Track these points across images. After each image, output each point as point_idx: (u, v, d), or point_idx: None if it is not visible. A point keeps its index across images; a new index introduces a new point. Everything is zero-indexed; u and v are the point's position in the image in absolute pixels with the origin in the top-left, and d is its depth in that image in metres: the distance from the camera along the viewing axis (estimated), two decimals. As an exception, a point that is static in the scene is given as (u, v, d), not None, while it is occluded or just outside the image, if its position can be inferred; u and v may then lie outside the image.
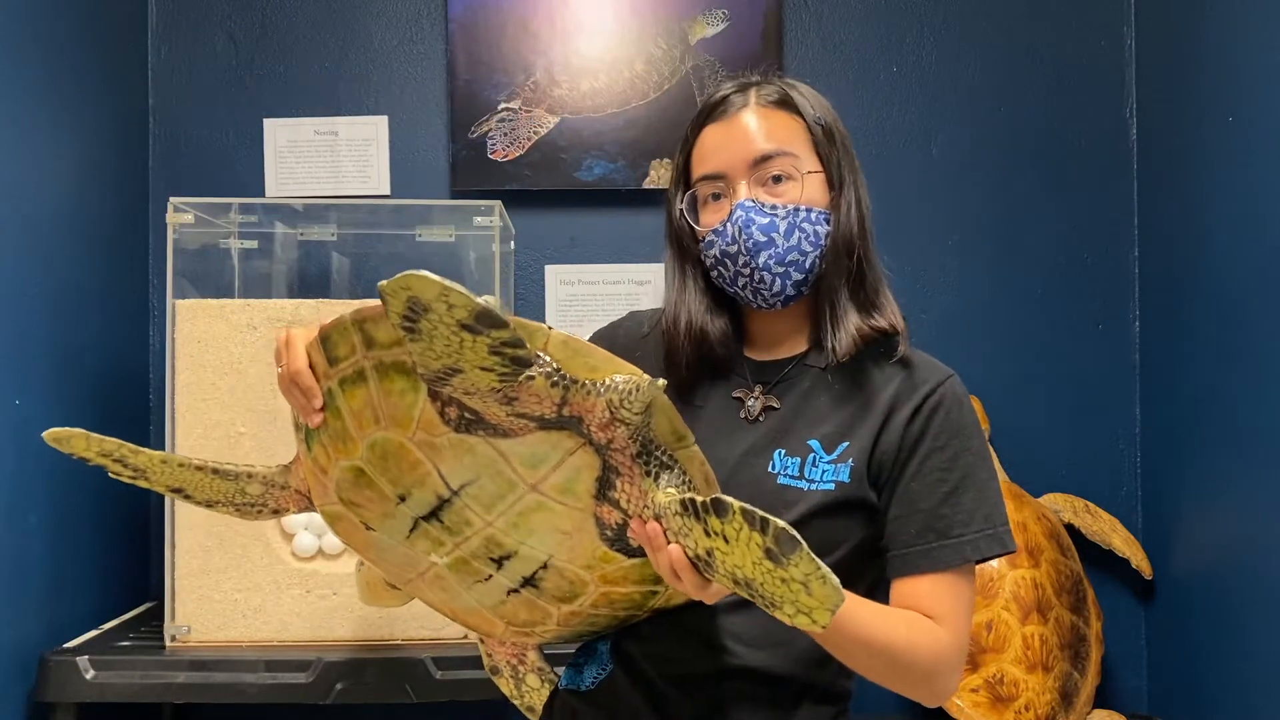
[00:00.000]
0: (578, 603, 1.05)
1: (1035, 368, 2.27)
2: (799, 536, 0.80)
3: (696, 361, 1.15)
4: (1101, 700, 2.10)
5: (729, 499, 0.84)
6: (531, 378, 0.90)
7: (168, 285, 1.80)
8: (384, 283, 0.84)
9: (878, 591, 1.12)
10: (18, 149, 1.73)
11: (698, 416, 1.14)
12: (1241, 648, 1.88)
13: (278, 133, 2.24)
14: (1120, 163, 2.28)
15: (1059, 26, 2.28)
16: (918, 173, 2.27)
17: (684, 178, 1.17)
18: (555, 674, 1.22)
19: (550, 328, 0.92)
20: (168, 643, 1.75)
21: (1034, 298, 2.27)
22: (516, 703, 1.24)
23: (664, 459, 0.95)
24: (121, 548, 2.08)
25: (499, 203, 1.89)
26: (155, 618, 1.92)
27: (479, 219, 1.88)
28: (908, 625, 1.02)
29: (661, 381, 0.90)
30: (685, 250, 1.17)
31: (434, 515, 1.01)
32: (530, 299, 2.26)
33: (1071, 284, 2.28)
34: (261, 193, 2.23)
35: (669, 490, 0.94)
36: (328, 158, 2.24)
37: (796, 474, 1.07)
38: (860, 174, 1.15)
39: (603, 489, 0.95)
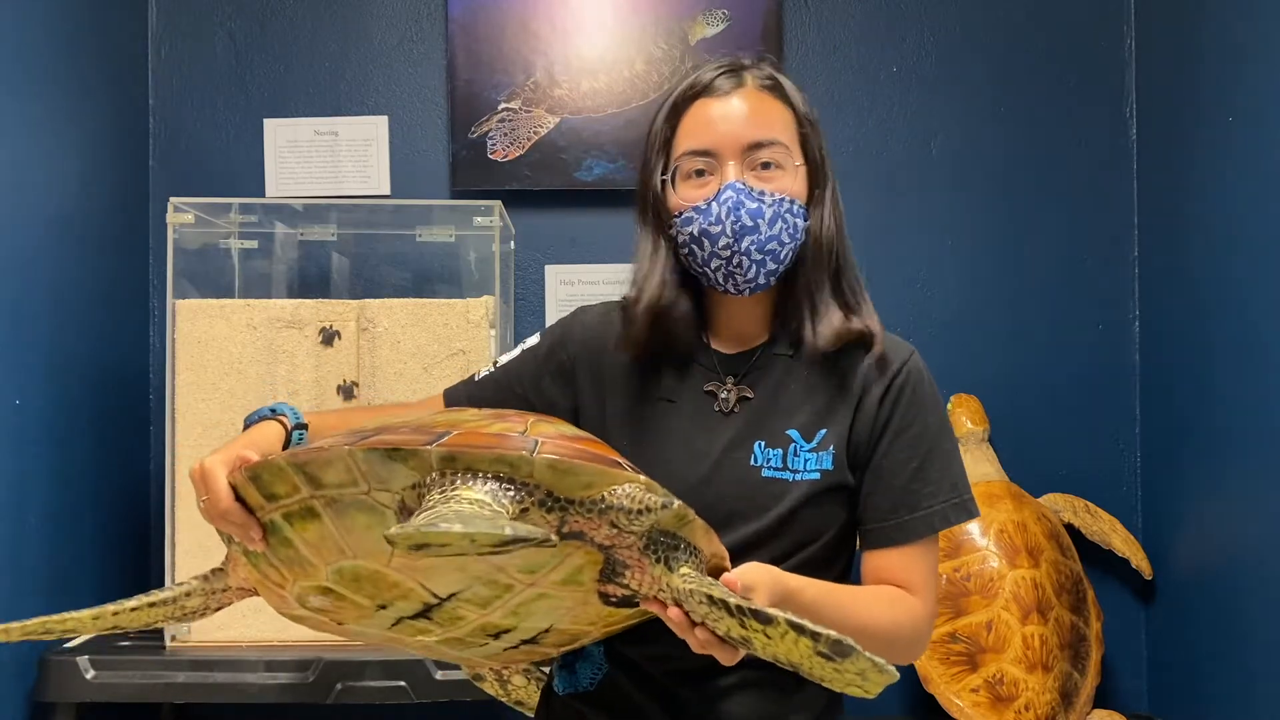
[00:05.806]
0: (578, 643, 1.04)
1: (1035, 368, 2.27)
2: (854, 644, 0.79)
3: (649, 338, 1.13)
4: (1101, 700, 2.10)
5: (773, 611, 0.82)
6: (525, 510, 0.84)
7: (168, 285, 1.80)
8: (391, 532, 0.74)
9: (853, 565, 1.16)
10: (18, 149, 1.74)
11: (672, 411, 1.13)
12: (1241, 648, 1.88)
13: (278, 133, 2.24)
14: (1120, 163, 2.28)
15: (1059, 26, 2.28)
16: (918, 173, 2.27)
17: (666, 149, 1.14)
18: (542, 673, 1.21)
19: (533, 452, 0.84)
20: (168, 643, 1.75)
21: (1034, 298, 2.27)
22: (503, 700, 1.24)
23: (668, 541, 0.91)
24: (121, 548, 2.08)
25: (499, 203, 1.89)
26: (155, 618, 1.92)
27: (479, 219, 1.89)
28: (890, 605, 1.06)
29: (677, 504, 0.87)
30: (660, 223, 1.15)
31: (421, 615, 0.94)
32: (530, 299, 2.26)
33: (1071, 284, 2.27)
34: (261, 193, 2.22)
35: (684, 572, 0.89)
36: (328, 158, 2.24)
37: (780, 465, 1.09)
38: (835, 176, 1.16)
39: (608, 576, 0.90)
